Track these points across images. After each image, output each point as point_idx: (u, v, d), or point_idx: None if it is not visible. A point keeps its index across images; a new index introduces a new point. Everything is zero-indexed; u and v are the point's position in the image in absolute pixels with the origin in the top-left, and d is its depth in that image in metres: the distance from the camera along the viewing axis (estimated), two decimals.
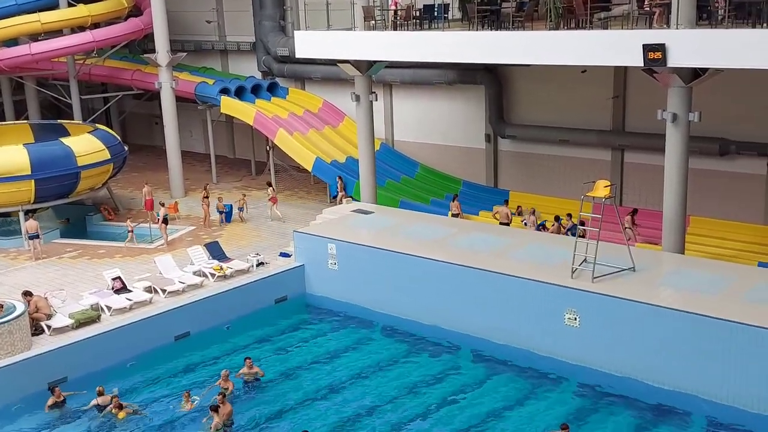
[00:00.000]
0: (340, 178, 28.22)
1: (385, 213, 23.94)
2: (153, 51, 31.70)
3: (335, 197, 28.38)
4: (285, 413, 16.28)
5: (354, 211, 23.98)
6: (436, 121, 31.19)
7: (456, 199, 26.22)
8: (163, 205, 26.70)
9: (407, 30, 23.30)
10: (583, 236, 18.11)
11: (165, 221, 25.90)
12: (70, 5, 34.02)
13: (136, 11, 35.76)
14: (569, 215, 23.74)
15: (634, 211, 23.56)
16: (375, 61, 24.25)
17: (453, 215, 25.32)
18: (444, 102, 30.81)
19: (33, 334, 18.89)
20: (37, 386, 16.86)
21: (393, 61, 25.73)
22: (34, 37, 33.91)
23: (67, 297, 21.02)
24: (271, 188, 28.93)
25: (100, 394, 16.47)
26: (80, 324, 19.45)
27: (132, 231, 26.13)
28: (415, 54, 22.98)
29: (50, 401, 16.60)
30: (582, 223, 22.24)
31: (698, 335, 15.39)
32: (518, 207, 25.72)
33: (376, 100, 25.33)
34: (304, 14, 32.59)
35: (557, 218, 23.89)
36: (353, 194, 27.56)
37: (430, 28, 23.38)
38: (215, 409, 15.50)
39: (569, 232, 22.95)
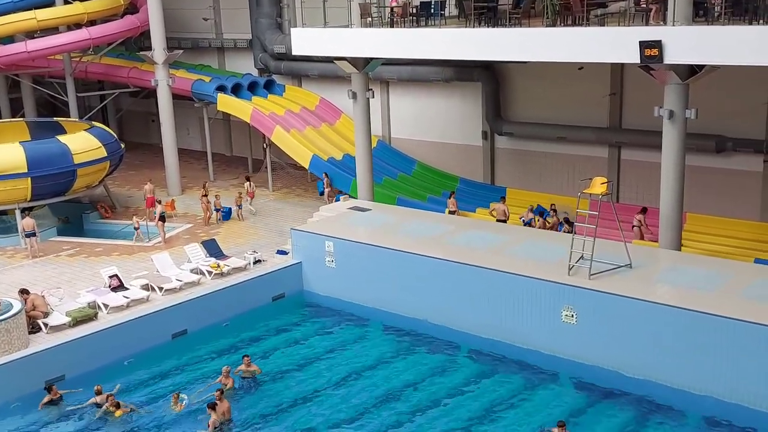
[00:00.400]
0: (326, 174, 28.24)
1: (382, 210, 23.94)
2: (149, 48, 31.59)
3: (323, 194, 28.44)
4: (283, 410, 16.29)
5: (351, 208, 23.98)
6: (433, 118, 31.18)
7: (453, 196, 26.19)
8: (159, 202, 26.67)
9: (404, 27, 23.30)
10: (568, 233, 18.10)
11: (162, 219, 25.86)
12: (66, 2, 33.88)
13: (132, 8, 35.68)
14: (554, 210, 23.65)
15: (644, 210, 23.32)
16: (372, 58, 24.22)
17: (450, 212, 25.32)
18: (441, 99, 30.79)
19: (30, 332, 18.85)
20: (35, 384, 16.81)
21: (390, 58, 25.67)
22: (30, 34, 33.83)
23: (64, 295, 21.00)
24: (248, 182, 29.03)
25: (98, 392, 16.45)
26: (77, 322, 19.42)
27: (138, 228, 26.08)
28: (412, 51, 22.96)
29: (45, 399, 16.59)
30: (568, 222, 22.33)
31: (695, 332, 15.43)
32: (552, 205, 24.74)
33: (373, 97, 25.33)
34: (301, 11, 32.63)
35: (543, 214, 23.85)
36: (350, 192, 27.55)
37: (426, 25, 23.38)
38: (212, 406, 15.50)
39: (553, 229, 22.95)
